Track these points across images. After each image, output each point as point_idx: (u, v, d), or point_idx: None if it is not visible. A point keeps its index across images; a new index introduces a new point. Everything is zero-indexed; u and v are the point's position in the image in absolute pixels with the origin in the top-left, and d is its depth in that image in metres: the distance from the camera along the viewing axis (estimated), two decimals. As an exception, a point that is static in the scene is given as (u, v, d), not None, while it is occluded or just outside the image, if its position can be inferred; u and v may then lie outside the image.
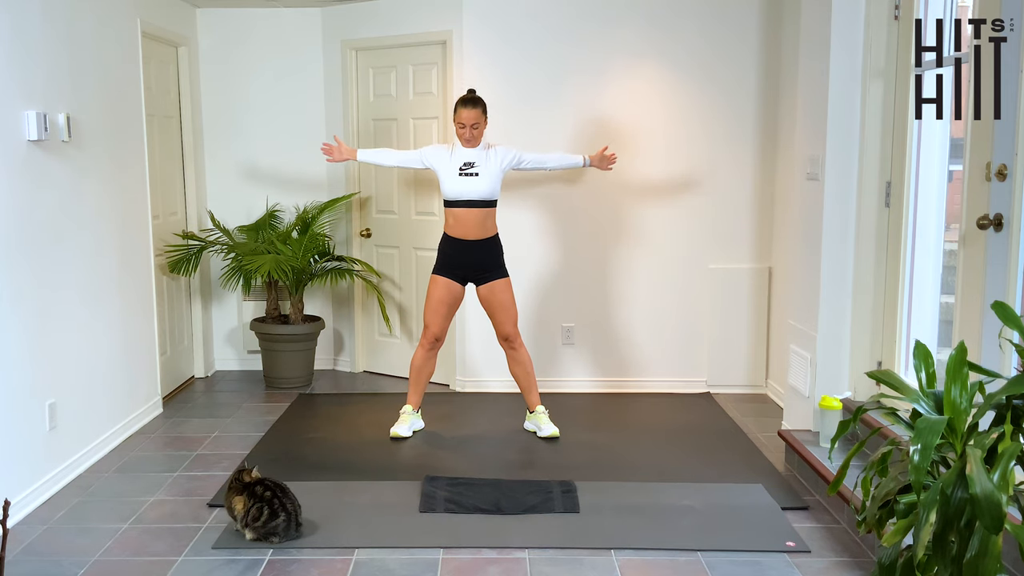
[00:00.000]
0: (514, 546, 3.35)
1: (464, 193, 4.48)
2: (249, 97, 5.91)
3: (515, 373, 4.72)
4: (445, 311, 4.62)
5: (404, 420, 4.69)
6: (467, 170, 4.47)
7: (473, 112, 4.43)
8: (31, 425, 3.78)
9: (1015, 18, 2.85)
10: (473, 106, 4.44)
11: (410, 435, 4.66)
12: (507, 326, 4.62)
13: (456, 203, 4.50)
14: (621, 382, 5.55)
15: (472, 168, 4.47)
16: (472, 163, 4.48)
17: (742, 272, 5.47)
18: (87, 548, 3.35)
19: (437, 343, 4.68)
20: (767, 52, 5.30)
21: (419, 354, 4.69)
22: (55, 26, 4.01)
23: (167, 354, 5.43)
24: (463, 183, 4.47)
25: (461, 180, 4.47)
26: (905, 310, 3.93)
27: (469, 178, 4.47)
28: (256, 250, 5.57)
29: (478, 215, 4.50)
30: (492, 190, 4.51)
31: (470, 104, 4.45)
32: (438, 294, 4.59)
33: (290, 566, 3.20)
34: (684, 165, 5.39)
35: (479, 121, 4.45)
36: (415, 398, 4.75)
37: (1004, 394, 2.14)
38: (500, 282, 4.59)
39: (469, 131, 4.44)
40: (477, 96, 4.51)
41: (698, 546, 3.35)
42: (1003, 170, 2.98)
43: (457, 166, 4.48)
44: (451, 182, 4.49)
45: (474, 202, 4.49)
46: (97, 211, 4.39)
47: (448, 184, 4.50)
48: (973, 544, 1.97)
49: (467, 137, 4.46)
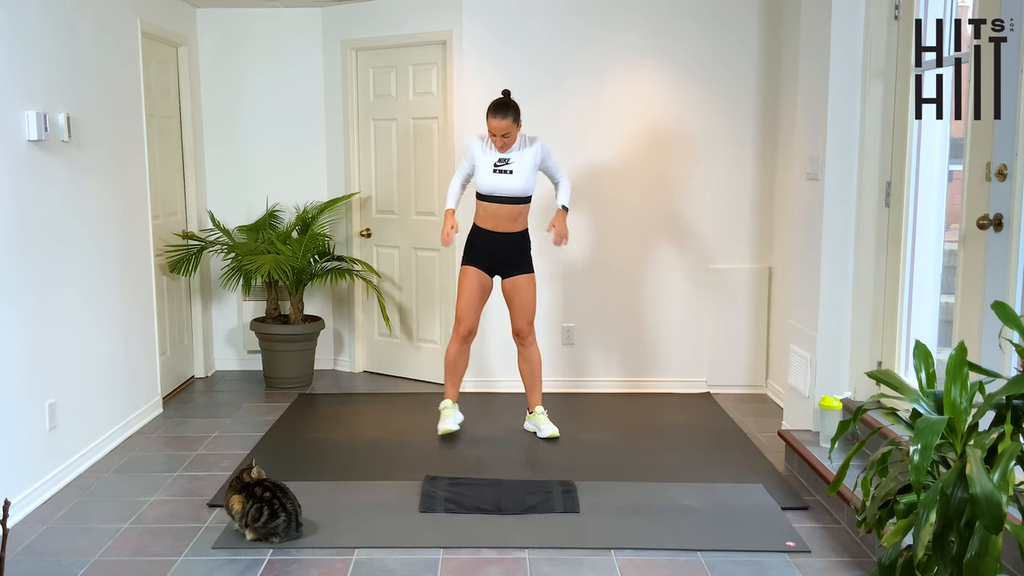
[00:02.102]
0: (514, 546, 3.35)
1: (497, 189, 4.42)
2: (249, 97, 5.91)
3: (522, 370, 4.71)
4: (477, 301, 4.56)
5: (447, 415, 4.66)
6: (501, 167, 4.41)
7: (503, 123, 4.31)
8: (31, 425, 3.78)
9: (1015, 18, 2.85)
10: (503, 116, 4.31)
11: (457, 428, 4.64)
12: (522, 321, 4.59)
13: (489, 198, 4.45)
14: (621, 382, 5.55)
15: (507, 165, 4.40)
16: (507, 159, 4.41)
17: (742, 272, 5.47)
18: (87, 548, 3.35)
19: (471, 335, 4.64)
20: (767, 52, 5.30)
21: (452, 348, 4.65)
22: (55, 26, 4.01)
23: (167, 354, 5.43)
24: (497, 179, 4.41)
25: (495, 176, 4.41)
26: (905, 310, 3.93)
27: (503, 175, 4.40)
28: (256, 250, 5.57)
29: (511, 211, 4.46)
30: (526, 186, 4.44)
31: (500, 114, 4.32)
32: (469, 285, 4.53)
33: (290, 566, 3.20)
34: (684, 165, 5.39)
35: (510, 131, 4.35)
36: (453, 391, 4.71)
37: (1004, 394, 2.14)
38: (524, 277, 4.55)
39: (500, 140, 4.37)
40: (509, 101, 4.37)
41: (698, 546, 3.35)
42: (1003, 170, 2.98)
43: (492, 161, 4.42)
44: (485, 177, 4.43)
45: (507, 198, 4.44)
46: (97, 211, 4.39)
47: (482, 178, 4.44)
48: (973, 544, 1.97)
49: (499, 145, 4.40)
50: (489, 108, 4.37)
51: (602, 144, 5.37)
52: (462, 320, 4.58)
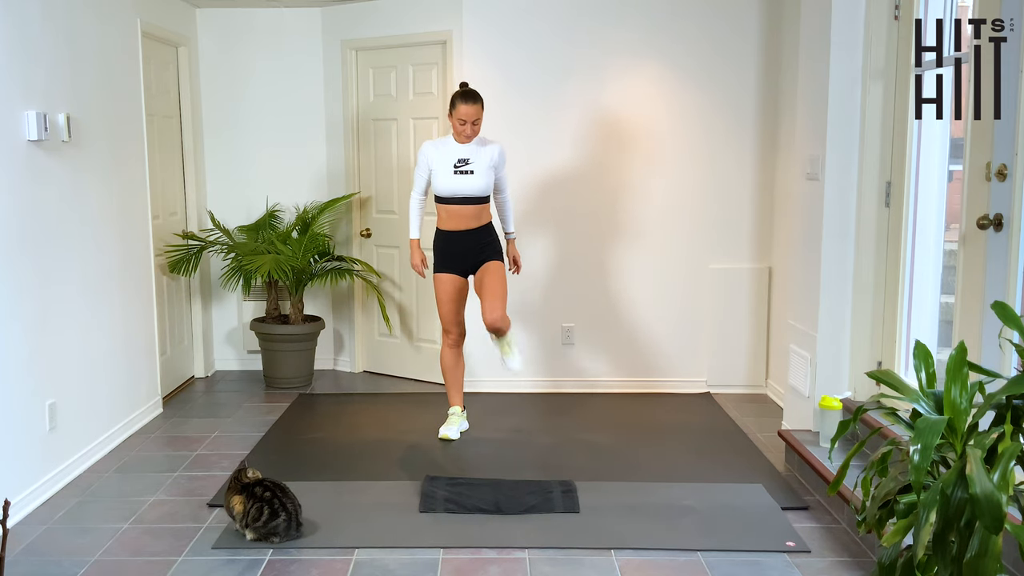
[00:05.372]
0: (514, 546, 3.35)
1: (458, 190, 4.40)
2: (249, 97, 5.91)
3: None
4: (455, 307, 4.55)
5: (453, 422, 4.64)
6: (461, 167, 4.39)
7: (474, 108, 4.32)
8: (31, 425, 3.78)
9: (1015, 18, 2.85)
10: (473, 101, 4.32)
11: (458, 437, 4.61)
12: (493, 312, 4.34)
13: (450, 200, 4.43)
14: (621, 382, 5.55)
15: (467, 165, 4.39)
16: (467, 159, 4.39)
17: (742, 272, 5.47)
18: (87, 548, 3.35)
19: (461, 339, 4.63)
20: (767, 52, 5.30)
21: (446, 354, 4.63)
22: (55, 26, 4.01)
23: (167, 354, 5.43)
24: (457, 180, 4.39)
25: (456, 178, 4.39)
26: (905, 310, 3.93)
27: (464, 176, 4.39)
28: (256, 250, 5.57)
29: (472, 210, 4.45)
30: (486, 186, 4.43)
31: (470, 99, 4.33)
32: (444, 292, 4.52)
33: (290, 566, 3.20)
34: (684, 165, 5.39)
35: (479, 117, 4.36)
36: (457, 397, 4.69)
37: (1004, 394, 2.14)
38: (493, 263, 4.47)
39: (470, 127, 4.35)
40: (475, 90, 4.40)
41: (698, 546, 3.35)
42: (1003, 170, 2.98)
43: (451, 163, 4.39)
44: (445, 180, 4.40)
45: (468, 199, 4.42)
46: (97, 211, 4.39)
47: (442, 181, 4.40)
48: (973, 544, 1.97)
49: (467, 134, 4.36)
50: (457, 95, 4.36)
51: (602, 144, 5.37)
52: (448, 329, 4.59)
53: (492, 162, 4.44)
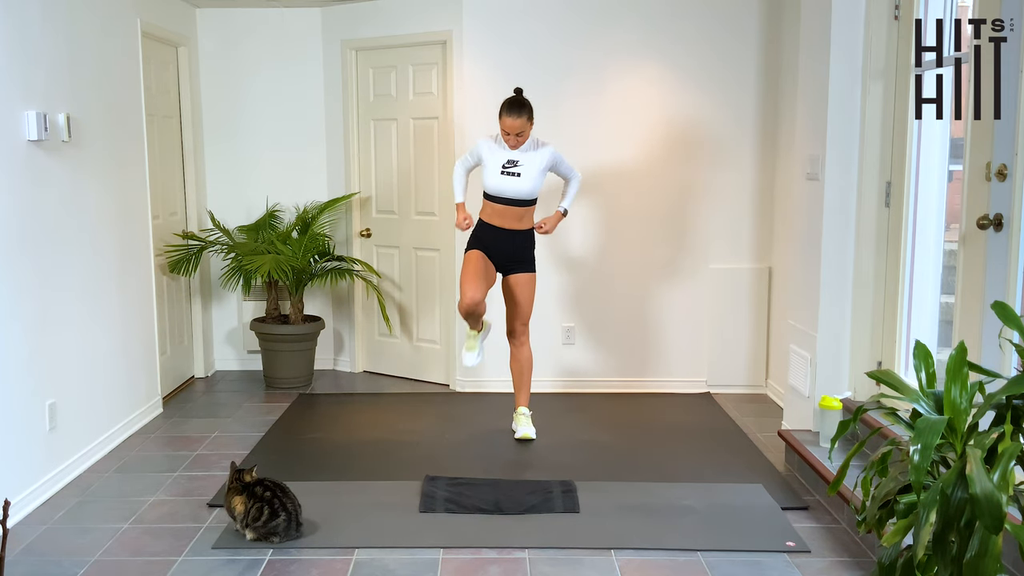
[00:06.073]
0: (514, 546, 3.35)
1: (504, 191, 4.42)
2: (249, 97, 5.91)
3: (512, 369, 4.73)
4: (481, 279, 4.41)
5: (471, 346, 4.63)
6: (509, 169, 4.39)
7: (518, 121, 4.30)
8: (31, 425, 3.78)
9: (1015, 18, 2.85)
10: (518, 114, 4.30)
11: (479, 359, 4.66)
12: (517, 321, 4.60)
13: (495, 198, 4.45)
14: (621, 382, 5.55)
15: (515, 167, 4.39)
16: (516, 162, 4.39)
17: (742, 272, 5.47)
18: (87, 548, 3.35)
19: (475, 307, 4.40)
20: (767, 52, 5.30)
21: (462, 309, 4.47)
22: (55, 26, 4.01)
23: (167, 354, 5.43)
24: (504, 181, 4.40)
25: (502, 178, 4.40)
26: (905, 310, 3.93)
27: (510, 177, 4.39)
28: (256, 250, 5.57)
29: (516, 212, 4.46)
30: (532, 190, 4.43)
31: (515, 112, 4.31)
32: (472, 263, 4.42)
33: (290, 566, 3.20)
34: (684, 165, 5.39)
35: (524, 129, 4.34)
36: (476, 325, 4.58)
37: (1004, 394, 2.14)
38: (525, 276, 4.55)
39: (514, 139, 4.36)
40: (523, 100, 4.35)
41: (698, 546, 3.35)
42: (1003, 170, 2.98)
43: (500, 163, 4.40)
44: (493, 178, 4.42)
45: (513, 200, 4.43)
46: (97, 211, 4.39)
47: (490, 179, 4.43)
48: (973, 544, 1.97)
49: (512, 143, 4.38)
50: (503, 106, 4.35)
51: (602, 143, 5.37)
52: (465, 293, 4.39)
53: (543, 166, 4.44)
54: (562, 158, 4.54)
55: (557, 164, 4.52)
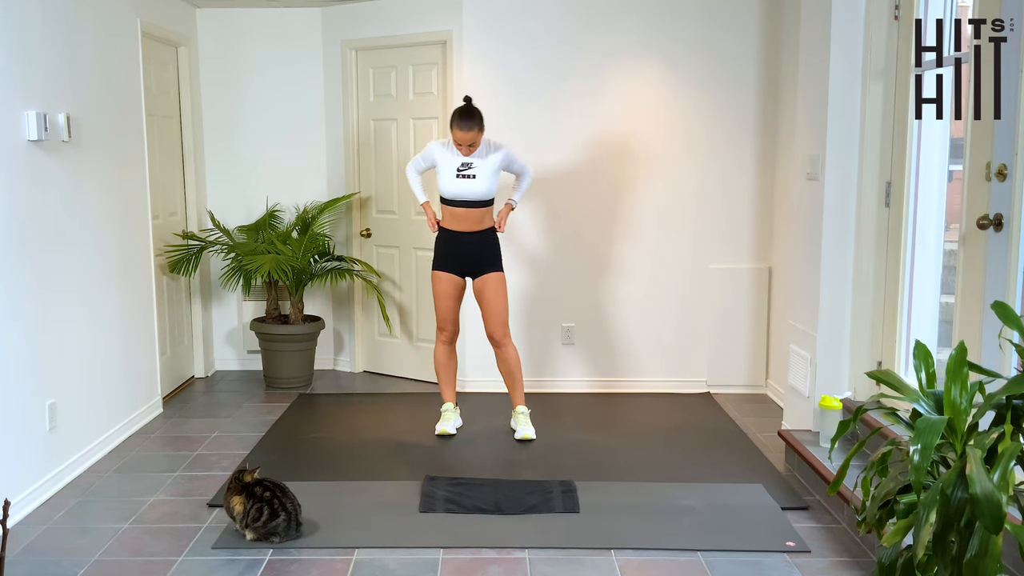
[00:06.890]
0: (514, 546, 3.35)
1: (461, 194, 4.48)
2: (249, 97, 5.91)
3: (501, 370, 4.73)
4: (452, 304, 4.63)
5: (448, 418, 4.72)
6: (464, 171, 4.46)
7: (469, 134, 4.36)
8: (31, 425, 3.78)
9: (1015, 18, 2.85)
10: (468, 127, 4.35)
11: (455, 432, 4.68)
12: (495, 324, 4.59)
13: (453, 202, 4.51)
14: (621, 382, 5.55)
15: (469, 170, 4.46)
16: (470, 164, 4.46)
17: (742, 272, 5.47)
18: (87, 548, 3.35)
19: (455, 337, 4.72)
20: (767, 52, 5.30)
21: (439, 350, 4.73)
22: (55, 26, 4.01)
23: (167, 354, 5.43)
24: (460, 184, 4.47)
25: (458, 181, 4.47)
26: (905, 310, 3.93)
27: (466, 180, 4.46)
28: (256, 250, 5.57)
29: (474, 213, 4.52)
30: (488, 190, 4.50)
31: (465, 123, 4.35)
32: (441, 289, 4.61)
33: (290, 566, 3.20)
34: (684, 165, 5.39)
35: (476, 140, 4.40)
36: (450, 393, 4.78)
37: (1004, 394, 2.14)
38: (493, 275, 4.59)
39: (466, 149, 4.42)
40: (473, 110, 4.39)
41: (698, 546, 3.35)
42: (1003, 170, 2.98)
43: (455, 166, 4.47)
44: (448, 182, 4.49)
45: (471, 202, 4.49)
46: (97, 211, 4.39)
47: (445, 183, 4.50)
48: (973, 544, 1.97)
49: (464, 153, 4.45)
50: (453, 117, 4.40)
51: (602, 143, 5.37)
52: (443, 327, 4.68)
53: (496, 166, 4.51)
54: (515, 157, 4.59)
55: (510, 163, 4.58)
